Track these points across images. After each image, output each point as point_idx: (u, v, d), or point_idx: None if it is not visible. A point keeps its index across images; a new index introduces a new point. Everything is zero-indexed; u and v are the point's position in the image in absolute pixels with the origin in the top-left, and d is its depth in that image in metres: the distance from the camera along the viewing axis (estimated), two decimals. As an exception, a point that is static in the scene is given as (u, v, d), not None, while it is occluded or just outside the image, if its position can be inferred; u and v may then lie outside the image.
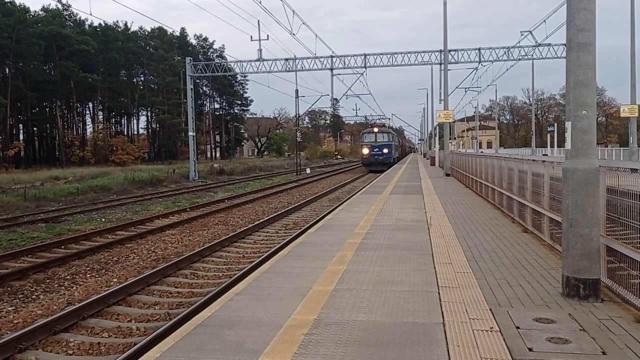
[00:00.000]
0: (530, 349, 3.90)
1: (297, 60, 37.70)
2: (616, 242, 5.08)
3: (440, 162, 37.07)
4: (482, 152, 46.22)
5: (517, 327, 4.36)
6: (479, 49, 36.20)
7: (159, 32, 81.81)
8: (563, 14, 6.99)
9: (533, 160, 9.37)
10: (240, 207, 20.42)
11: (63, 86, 65.59)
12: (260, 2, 22.19)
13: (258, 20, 44.56)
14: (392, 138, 46.86)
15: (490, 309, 4.86)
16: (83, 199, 24.56)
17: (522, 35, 34.34)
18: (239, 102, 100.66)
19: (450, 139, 35.86)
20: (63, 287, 8.95)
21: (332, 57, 37.72)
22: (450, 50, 33.19)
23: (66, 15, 71.36)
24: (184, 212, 18.89)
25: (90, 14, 50.31)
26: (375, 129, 46.28)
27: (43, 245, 12.32)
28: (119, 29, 78.89)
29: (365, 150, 44.81)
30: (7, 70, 62.30)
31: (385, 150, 44.22)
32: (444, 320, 4.54)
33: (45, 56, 65.44)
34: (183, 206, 20.86)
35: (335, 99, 50.69)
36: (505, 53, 36.06)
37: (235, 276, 8.68)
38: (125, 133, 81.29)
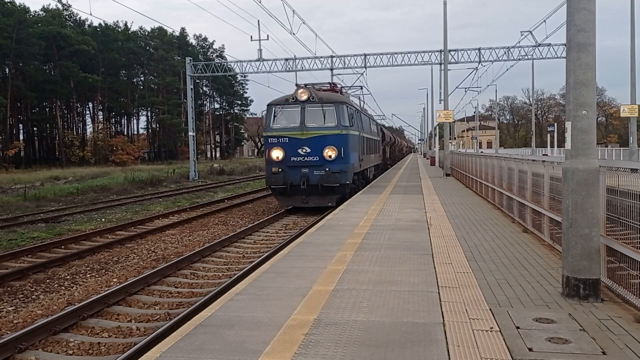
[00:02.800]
0: (530, 349, 3.90)
1: (297, 60, 37.68)
2: (616, 242, 5.08)
3: (440, 162, 37.08)
4: (482, 152, 46.17)
5: (517, 327, 4.37)
6: (479, 49, 36.20)
7: (159, 32, 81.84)
8: (563, 14, 7.00)
9: (533, 160, 9.37)
10: (240, 207, 20.42)
11: (63, 86, 65.60)
12: (260, 2, 22.19)
13: (258, 20, 44.37)
14: (349, 120, 17.48)
15: (490, 309, 4.86)
16: (83, 199, 24.55)
17: (522, 35, 34.37)
18: (239, 102, 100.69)
19: (450, 139, 35.86)
20: (63, 287, 8.95)
21: (332, 57, 37.71)
22: (450, 50, 33.19)
23: (66, 15, 71.41)
24: (184, 212, 18.88)
25: (90, 14, 50.20)
26: (303, 95, 16.71)
27: (43, 245, 12.31)
28: (119, 29, 78.91)
29: (275, 153, 16.74)
30: (7, 70, 62.33)
31: (330, 154, 16.36)
32: (444, 320, 4.54)
33: (45, 56, 65.46)
34: (183, 206, 20.85)
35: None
36: (505, 53, 36.05)
37: (235, 276, 8.68)
38: (125, 133, 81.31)
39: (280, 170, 16.30)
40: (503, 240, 8.48)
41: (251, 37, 35.86)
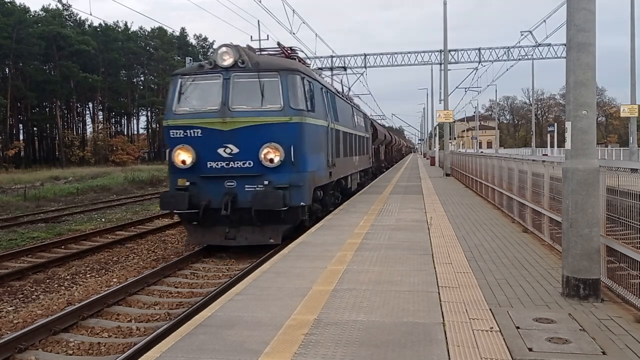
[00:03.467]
0: (530, 349, 3.90)
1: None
2: (616, 242, 5.09)
3: (440, 162, 37.08)
4: (482, 152, 46.14)
5: (517, 327, 4.37)
6: (479, 49, 36.26)
7: (159, 32, 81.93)
8: (563, 14, 7.00)
9: (533, 160, 9.38)
10: (240, 207, 20.38)
11: (63, 86, 65.66)
12: (260, 2, 22.20)
13: (258, 20, 44.08)
14: (307, 100, 10.61)
15: (490, 309, 4.85)
16: (83, 199, 24.57)
17: (522, 35, 34.38)
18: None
19: (450, 139, 35.86)
20: (63, 287, 8.95)
21: (332, 57, 37.74)
22: (450, 50, 33.22)
23: (66, 15, 71.54)
24: (184, 212, 18.86)
25: (91, 14, 50.07)
26: (226, 58, 10.06)
27: (43, 245, 12.31)
28: (119, 29, 79.00)
29: (181, 156, 10.03)
30: (7, 70, 62.39)
31: (271, 156, 9.79)
32: (444, 320, 4.54)
33: (45, 56, 65.53)
34: (183, 206, 20.82)
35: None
36: (505, 53, 36.13)
37: (236, 276, 8.68)
38: (125, 133, 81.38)
39: (189, 183, 10.07)
40: (503, 240, 8.48)
41: (251, 37, 35.77)
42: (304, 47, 50.83)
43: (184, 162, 10.02)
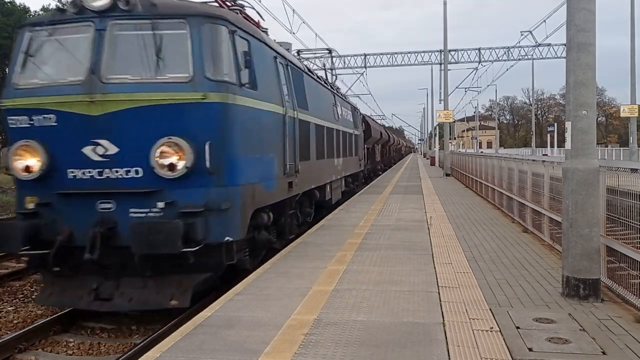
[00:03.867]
0: (530, 349, 3.91)
1: (297, 60, 37.61)
2: (616, 242, 5.09)
3: (440, 162, 37.09)
4: (482, 152, 46.14)
5: (517, 327, 4.37)
6: (479, 49, 36.31)
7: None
8: (563, 14, 7.00)
9: (533, 160, 9.39)
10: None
11: (63, 86, 65.66)
12: (260, 2, 22.19)
13: (257, 20, 44.32)
14: (241, 66, 6.47)
15: (490, 309, 4.86)
16: (83, 199, 24.53)
17: (522, 35, 34.42)
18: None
19: (450, 139, 35.87)
20: (63, 287, 8.93)
21: (332, 57, 37.71)
22: (450, 50, 33.25)
23: (66, 15, 71.53)
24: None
25: (90, 14, 50.08)
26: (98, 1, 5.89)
27: (43, 245, 12.28)
28: (119, 29, 79.05)
29: (24, 161, 6.13)
30: (7, 70, 62.39)
31: (172, 160, 5.86)
32: (444, 320, 4.54)
33: (45, 56, 65.51)
34: (183, 206, 20.76)
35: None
36: (505, 53, 36.18)
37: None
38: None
39: (38, 204, 6.40)
40: (503, 240, 8.49)
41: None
42: (304, 47, 50.68)
43: (28, 169, 6.26)
